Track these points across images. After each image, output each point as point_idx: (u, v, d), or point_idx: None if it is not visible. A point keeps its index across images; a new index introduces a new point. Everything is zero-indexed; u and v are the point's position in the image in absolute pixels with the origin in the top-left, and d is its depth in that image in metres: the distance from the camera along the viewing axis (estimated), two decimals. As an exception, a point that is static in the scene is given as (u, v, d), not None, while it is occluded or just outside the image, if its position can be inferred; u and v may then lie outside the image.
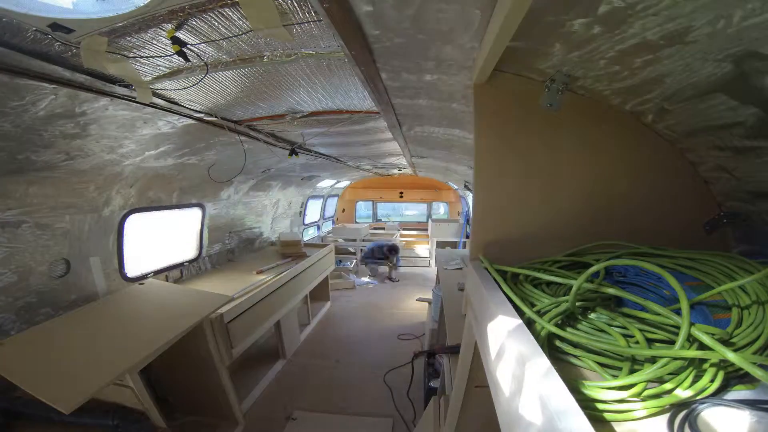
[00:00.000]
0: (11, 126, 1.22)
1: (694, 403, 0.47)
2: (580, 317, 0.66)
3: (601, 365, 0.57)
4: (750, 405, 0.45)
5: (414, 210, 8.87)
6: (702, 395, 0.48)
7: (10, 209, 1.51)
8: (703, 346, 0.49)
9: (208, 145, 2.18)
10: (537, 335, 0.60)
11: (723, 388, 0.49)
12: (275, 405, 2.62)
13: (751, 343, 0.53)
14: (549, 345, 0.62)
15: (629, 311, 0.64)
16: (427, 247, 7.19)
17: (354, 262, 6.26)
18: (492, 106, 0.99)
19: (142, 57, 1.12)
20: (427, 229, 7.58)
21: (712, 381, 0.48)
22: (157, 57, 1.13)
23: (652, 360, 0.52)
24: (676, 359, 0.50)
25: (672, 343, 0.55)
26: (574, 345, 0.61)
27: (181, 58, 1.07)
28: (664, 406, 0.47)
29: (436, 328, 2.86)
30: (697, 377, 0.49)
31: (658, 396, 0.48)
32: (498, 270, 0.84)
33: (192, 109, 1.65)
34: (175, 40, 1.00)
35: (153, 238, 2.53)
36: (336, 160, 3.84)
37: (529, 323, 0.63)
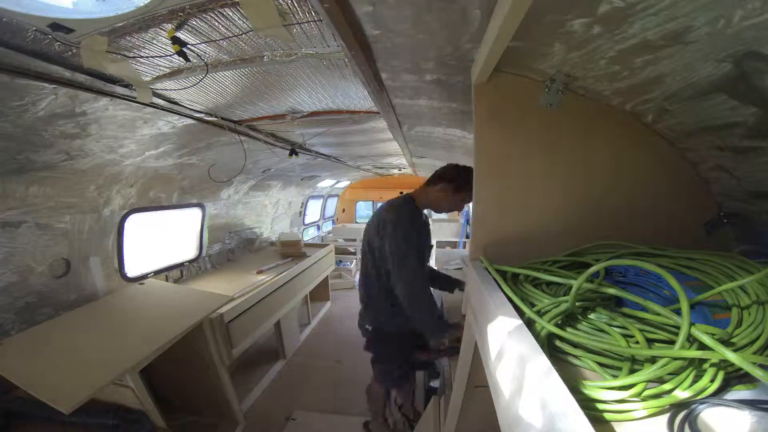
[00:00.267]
0: (11, 126, 1.22)
1: (694, 403, 0.47)
2: (580, 317, 0.66)
3: (601, 365, 0.57)
4: (750, 405, 0.45)
5: (414, 210, 8.85)
6: (702, 395, 0.48)
7: (10, 209, 1.51)
8: (703, 346, 0.49)
9: (208, 145, 2.18)
10: (537, 335, 0.60)
11: (723, 388, 0.49)
12: (275, 405, 2.62)
13: (751, 343, 0.53)
14: (549, 345, 0.62)
15: (629, 311, 0.64)
16: (427, 247, 7.18)
17: (354, 262, 6.25)
18: (492, 106, 0.99)
19: (142, 57, 1.12)
20: (427, 229, 7.56)
21: (712, 381, 0.48)
22: (157, 57, 1.13)
23: (652, 360, 0.52)
24: (676, 359, 0.50)
25: (672, 343, 0.55)
26: (574, 345, 0.61)
27: (181, 58, 1.07)
28: (664, 406, 0.47)
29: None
30: (697, 377, 0.49)
31: (658, 396, 0.48)
32: (498, 270, 0.84)
33: (192, 109, 1.65)
34: (175, 40, 1.00)
35: (153, 238, 2.53)
36: (336, 160, 3.84)
37: (529, 323, 0.63)
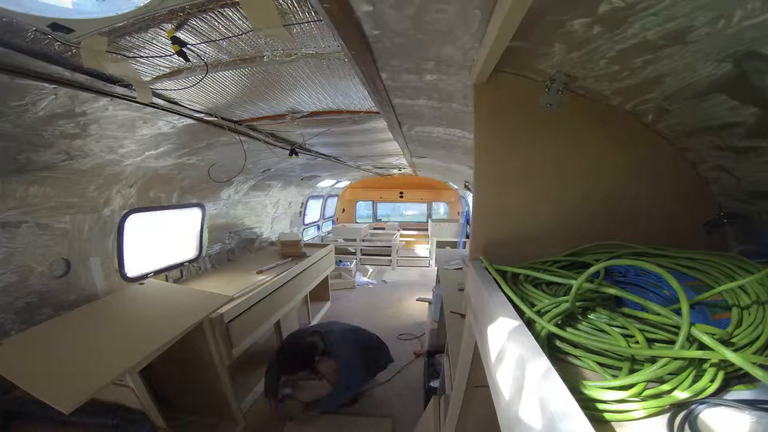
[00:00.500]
0: (11, 126, 1.22)
1: (694, 403, 0.47)
2: (580, 317, 0.66)
3: (601, 365, 0.57)
4: (750, 405, 0.45)
5: (414, 210, 8.87)
6: (702, 395, 0.48)
7: (10, 209, 1.51)
8: (703, 346, 0.49)
9: (208, 145, 2.18)
10: (537, 335, 0.60)
11: (723, 388, 0.49)
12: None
13: (751, 343, 0.53)
14: (549, 345, 0.62)
15: (629, 311, 0.64)
16: (427, 247, 7.19)
17: (354, 262, 6.25)
18: (492, 106, 0.99)
19: (142, 57, 1.12)
20: (427, 229, 7.58)
21: (712, 381, 0.48)
22: (157, 57, 1.13)
23: (652, 360, 0.52)
24: (676, 359, 0.50)
25: (672, 343, 0.55)
26: (574, 345, 0.61)
27: (181, 58, 1.07)
28: (664, 406, 0.47)
29: (436, 328, 2.87)
30: (697, 377, 0.49)
31: (658, 396, 0.48)
32: (498, 270, 0.84)
33: (192, 109, 1.65)
34: (175, 40, 1.00)
35: (153, 238, 2.53)
36: (336, 160, 3.84)
37: (529, 323, 0.63)
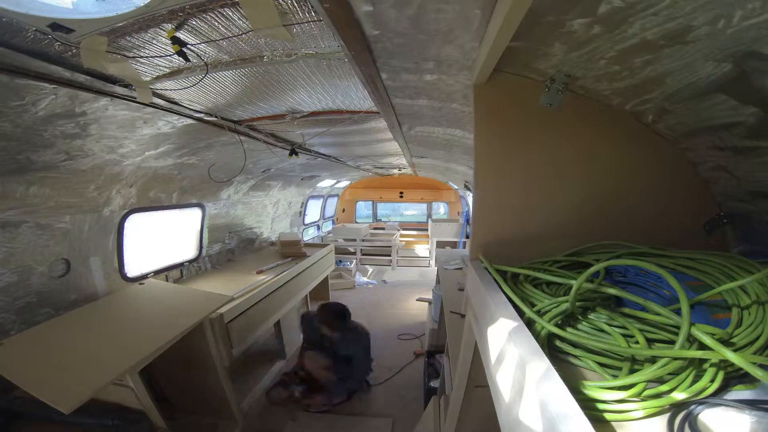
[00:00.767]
0: (11, 126, 1.22)
1: (694, 403, 0.47)
2: (580, 317, 0.66)
3: (601, 365, 0.57)
4: (750, 405, 0.45)
5: (414, 210, 8.86)
6: (702, 395, 0.48)
7: (10, 209, 1.51)
8: (703, 346, 0.49)
9: (208, 145, 2.18)
10: (537, 335, 0.60)
11: (723, 388, 0.49)
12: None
13: (751, 343, 0.53)
14: (549, 345, 0.62)
15: (629, 311, 0.64)
16: (427, 247, 7.19)
17: (354, 262, 6.25)
18: (492, 106, 0.99)
19: (142, 57, 1.12)
20: (427, 229, 7.58)
21: (712, 381, 0.48)
22: (157, 57, 1.13)
23: (652, 360, 0.52)
24: (676, 359, 0.50)
25: (672, 343, 0.55)
26: (574, 345, 0.61)
27: (181, 58, 1.07)
28: (664, 406, 0.47)
29: (436, 328, 2.86)
30: (697, 377, 0.49)
31: (658, 396, 0.48)
32: (498, 270, 0.84)
33: (192, 109, 1.65)
34: (175, 40, 1.00)
35: (153, 238, 2.53)
36: (336, 160, 3.84)
37: (529, 323, 0.63)
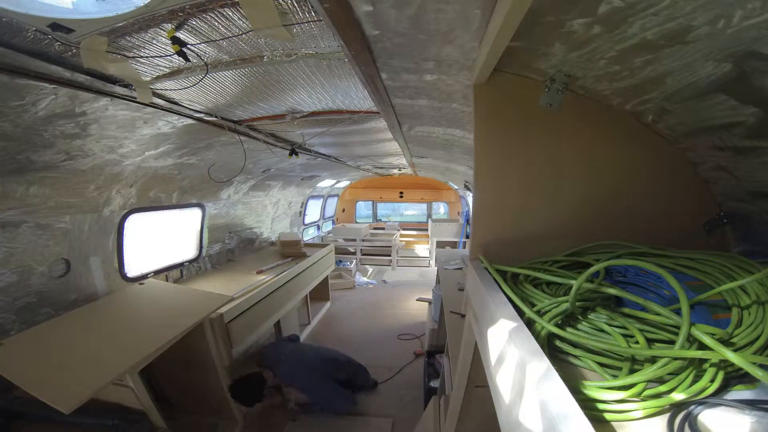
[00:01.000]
0: (11, 126, 1.22)
1: (694, 403, 0.47)
2: (580, 317, 0.66)
3: (601, 365, 0.57)
4: (750, 405, 0.45)
5: (414, 210, 8.86)
6: (702, 395, 0.48)
7: (10, 209, 1.51)
8: (703, 346, 0.49)
9: (208, 145, 2.18)
10: (537, 335, 0.60)
11: (723, 388, 0.49)
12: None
13: (751, 343, 0.53)
14: (549, 345, 0.62)
15: (629, 311, 0.64)
16: (427, 247, 7.19)
17: (354, 262, 6.25)
18: (492, 106, 0.99)
19: (142, 57, 1.12)
20: (427, 229, 7.58)
21: (712, 381, 0.48)
22: (157, 57, 1.13)
23: (652, 360, 0.52)
24: (676, 359, 0.50)
25: (672, 343, 0.55)
26: (574, 345, 0.61)
27: (181, 58, 1.07)
28: (664, 406, 0.47)
29: (436, 328, 2.86)
30: (697, 377, 0.49)
31: (658, 396, 0.48)
32: (498, 270, 0.84)
33: (192, 109, 1.65)
34: (175, 40, 1.00)
35: (153, 238, 2.53)
36: (336, 160, 3.84)
37: (529, 323, 0.63)
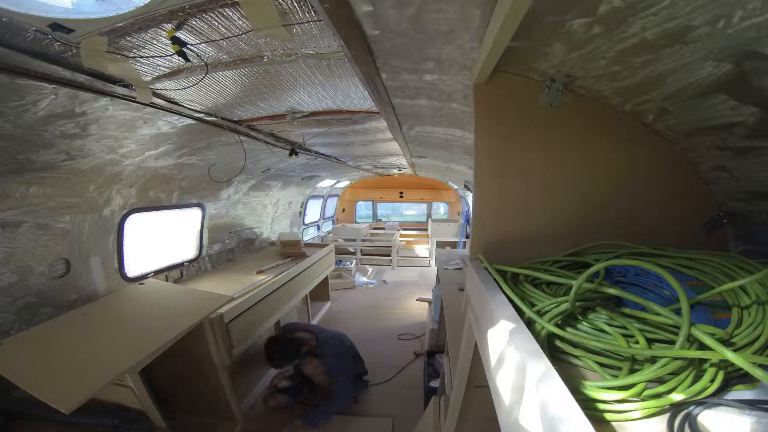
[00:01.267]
0: (11, 126, 1.22)
1: (694, 403, 0.47)
2: (580, 317, 0.66)
3: (601, 365, 0.57)
4: (750, 405, 0.45)
5: (414, 210, 8.86)
6: (702, 395, 0.48)
7: (10, 209, 1.51)
8: (703, 346, 0.49)
9: (208, 145, 2.18)
10: (537, 335, 0.60)
11: (723, 388, 0.49)
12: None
13: (751, 343, 0.53)
14: (549, 345, 0.62)
15: (629, 311, 0.64)
16: (427, 246, 7.19)
17: (354, 262, 6.24)
18: (492, 106, 0.99)
19: (142, 57, 1.12)
20: (426, 229, 7.58)
21: (712, 381, 0.48)
22: (157, 57, 1.13)
23: (652, 360, 0.52)
24: (676, 359, 0.50)
25: (672, 343, 0.55)
26: (574, 345, 0.61)
27: (181, 58, 1.07)
28: (664, 406, 0.47)
29: (436, 328, 2.86)
30: (697, 377, 0.49)
31: (658, 396, 0.48)
32: (498, 270, 0.84)
33: (192, 109, 1.65)
34: (175, 40, 1.00)
35: (153, 238, 2.53)
36: (336, 160, 3.84)
37: (529, 323, 0.63)
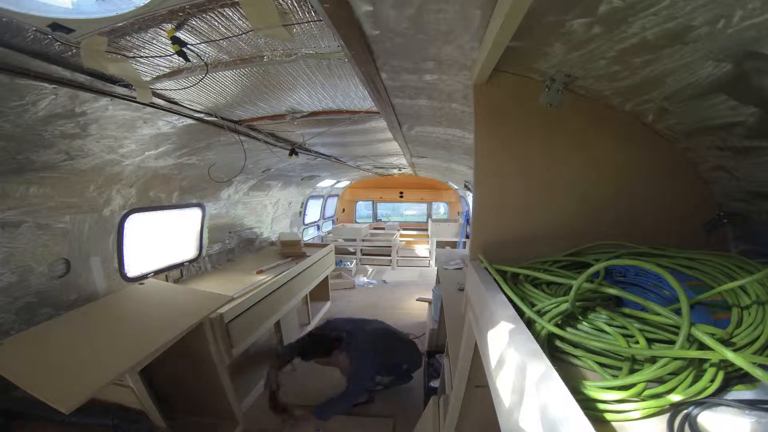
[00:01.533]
0: (11, 126, 1.22)
1: (694, 403, 0.47)
2: (580, 317, 0.66)
3: (601, 365, 0.57)
4: (750, 405, 0.45)
5: (414, 210, 8.86)
6: (702, 395, 0.48)
7: (10, 209, 1.51)
8: (703, 346, 0.49)
9: (208, 145, 2.18)
10: (537, 335, 0.60)
11: (723, 388, 0.49)
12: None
13: (751, 343, 0.53)
14: (549, 345, 0.62)
15: (629, 311, 0.64)
16: (427, 247, 7.19)
17: (354, 262, 6.24)
18: (492, 106, 0.99)
19: (142, 57, 1.12)
20: (426, 229, 7.58)
21: (712, 381, 0.48)
22: (157, 57, 1.13)
23: (652, 360, 0.52)
24: (676, 359, 0.50)
25: (672, 343, 0.55)
26: (574, 345, 0.61)
27: (181, 58, 1.07)
28: (664, 406, 0.47)
29: (436, 328, 2.86)
30: (697, 377, 0.49)
31: (658, 396, 0.48)
32: (498, 270, 0.84)
33: (192, 109, 1.65)
34: (175, 40, 1.00)
35: (153, 238, 2.53)
36: (336, 160, 3.84)
37: (529, 323, 0.63)
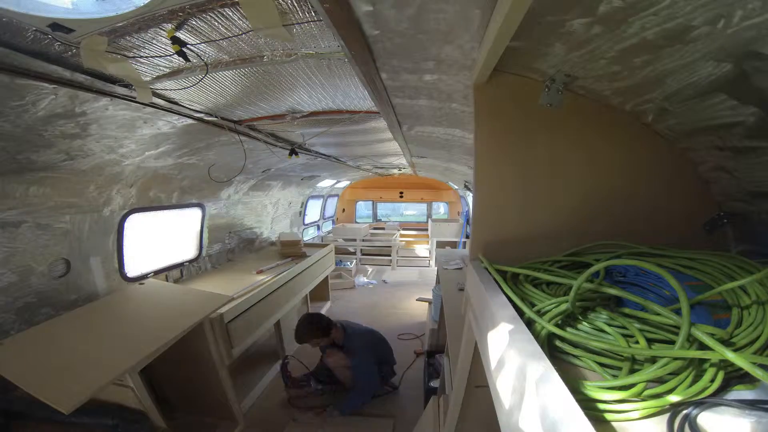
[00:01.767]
0: (11, 126, 1.22)
1: (694, 403, 0.47)
2: (580, 317, 0.66)
3: (601, 365, 0.57)
4: (750, 405, 0.45)
5: (414, 210, 8.87)
6: (702, 395, 0.48)
7: (10, 209, 1.51)
8: (703, 346, 0.49)
9: (208, 145, 2.18)
10: (537, 335, 0.60)
11: (723, 388, 0.49)
12: (275, 405, 2.61)
13: (751, 343, 0.53)
14: (549, 345, 0.62)
15: (629, 311, 0.64)
16: (427, 246, 7.20)
17: (354, 262, 6.24)
18: (492, 106, 0.99)
19: (142, 57, 1.12)
20: (426, 229, 7.58)
21: (712, 381, 0.48)
22: (157, 57, 1.13)
23: (652, 360, 0.52)
24: (676, 359, 0.50)
25: (672, 343, 0.55)
26: (574, 345, 0.61)
27: (181, 58, 1.07)
28: (664, 406, 0.47)
29: (436, 328, 2.86)
30: (697, 377, 0.49)
31: (658, 396, 0.48)
32: (498, 270, 0.84)
33: (192, 109, 1.65)
34: (175, 40, 1.00)
35: (153, 238, 2.53)
36: (336, 160, 3.84)
37: (529, 323, 0.63)
